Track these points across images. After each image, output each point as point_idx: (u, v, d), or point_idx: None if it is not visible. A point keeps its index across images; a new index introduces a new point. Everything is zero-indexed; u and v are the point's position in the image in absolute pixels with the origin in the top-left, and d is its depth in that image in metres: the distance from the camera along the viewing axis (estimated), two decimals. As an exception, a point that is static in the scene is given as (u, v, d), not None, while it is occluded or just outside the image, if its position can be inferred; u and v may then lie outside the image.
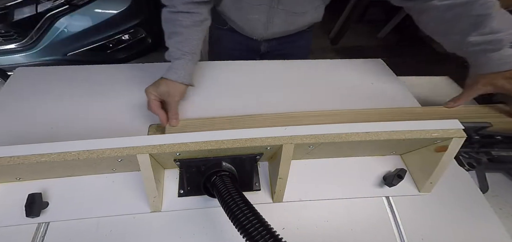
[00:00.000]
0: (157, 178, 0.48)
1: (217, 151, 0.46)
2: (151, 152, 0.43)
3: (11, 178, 0.51)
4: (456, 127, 0.48)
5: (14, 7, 1.36)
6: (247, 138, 0.45)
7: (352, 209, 0.52)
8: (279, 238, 0.33)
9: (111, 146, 0.43)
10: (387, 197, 0.54)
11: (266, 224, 0.34)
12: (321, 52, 2.62)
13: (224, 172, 0.46)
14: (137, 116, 0.66)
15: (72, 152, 0.42)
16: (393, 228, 0.50)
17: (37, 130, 0.62)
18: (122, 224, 0.48)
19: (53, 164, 0.44)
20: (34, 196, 0.47)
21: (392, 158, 0.60)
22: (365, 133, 0.47)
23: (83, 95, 0.70)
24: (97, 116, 0.65)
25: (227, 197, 0.39)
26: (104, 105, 0.68)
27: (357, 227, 0.50)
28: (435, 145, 0.51)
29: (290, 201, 0.52)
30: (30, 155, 0.42)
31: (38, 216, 0.47)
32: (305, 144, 0.46)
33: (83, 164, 0.46)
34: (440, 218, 0.52)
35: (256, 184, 0.53)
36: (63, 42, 1.50)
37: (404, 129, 0.48)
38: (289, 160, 0.47)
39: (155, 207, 0.49)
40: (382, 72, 0.85)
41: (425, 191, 0.54)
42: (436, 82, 0.91)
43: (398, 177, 0.51)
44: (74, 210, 0.49)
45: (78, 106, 0.67)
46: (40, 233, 0.47)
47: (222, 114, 0.65)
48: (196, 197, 0.51)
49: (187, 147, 0.44)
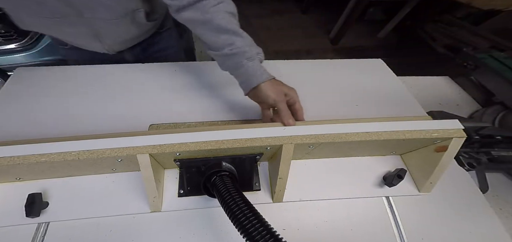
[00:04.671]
0: (157, 178, 0.48)
1: (217, 151, 0.46)
2: (151, 152, 0.43)
3: (11, 178, 0.51)
4: (456, 127, 0.48)
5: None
6: (247, 138, 0.45)
7: (352, 209, 0.52)
8: (279, 238, 0.33)
9: (111, 146, 0.43)
10: (387, 197, 0.54)
11: (266, 224, 0.34)
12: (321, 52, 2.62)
13: (224, 172, 0.46)
14: (137, 116, 0.66)
15: (72, 152, 0.42)
16: (393, 228, 0.50)
17: (37, 130, 0.62)
18: (122, 224, 0.48)
19: (53, 164, 0.44)
20: (34, 196, 0.47)
21: (392, 158, 0.60)
22: (365, 133, 0.47)
23: (83, 96, 0.70)
24: (97, 116, 0.65)
25: (227, 197, 0.39)
26: (104, 105, 0.68)
27: (357, 227, 0.50)
28: (435, 145, 0.51)
29: (290, 201, 0.52)
30: (30, 155, 0.42)
31: (38, 216, 0.47)
32: (305, 144, 0.46)
33: (83, 164, 0.46)
34: (440, 218, 0.52)
35: (256, 184, 0.53)
36: (63, 42, 1.50)
37: (404, 129, 0.48)
38: (289, 160, 0.47)
39: (155, 207, 0.49)
40: (382, 72, 0.85)
41: (425, 191, 0.54)
42: (436, 82, 0.92)
43: (398, 177, 0.51)
44: (74, 210, 0.49)
45: (78, 106, 0.67)
46: (40, 233, 0.47)
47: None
48: (196, 197, 0.51)
49: (187, 147, 0.44)
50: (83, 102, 0.68)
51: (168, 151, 0.44)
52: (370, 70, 0.84)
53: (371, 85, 0.78)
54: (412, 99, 0.75)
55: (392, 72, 0.84)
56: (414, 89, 0.79)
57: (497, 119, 0.77)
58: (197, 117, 0.65)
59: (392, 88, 0.78)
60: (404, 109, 0.72)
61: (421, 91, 0.84)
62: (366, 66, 0.86)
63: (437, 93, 0.86)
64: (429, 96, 0.83)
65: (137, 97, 0.69)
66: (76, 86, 0.72)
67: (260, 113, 0.59)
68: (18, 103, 0.67)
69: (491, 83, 0.85)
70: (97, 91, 0.71)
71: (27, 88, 0.71)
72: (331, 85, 0.78)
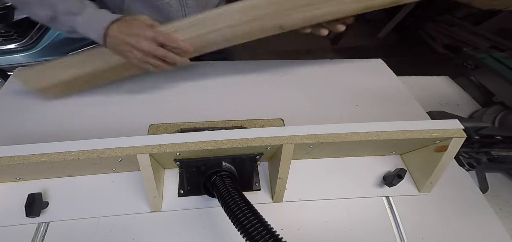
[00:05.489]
0: (157, 178, 0.48)
1: (217, 151, 0.46)
2: (151, 152, 0.43)
3: (11, 178, 0.51)
4: (456, 127, 0.48)
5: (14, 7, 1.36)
6: (247, 138, 0.45)
7: (352, 209, 0.52)
8: (279, 238, 0.33)
9: (111, 146, 0.43)
10: (387, 197, 0.54)
11: (266, 224, 0.34)
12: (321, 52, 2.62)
13: (224, 172, 0.46)
14: (137, 116, 0.66)
15: (72, 152, 0.42)
16: (393, 228, 0.50)
17: (37, 129, 0.62)
18: (122, 224, 0.48)
19: (53, 164, 0.44)
20: (34, 196, 0.47)
21: (392, 158, 0.60)
22: (365, 132, 0.47)
23: (83, 95, 0.70)
24: (97, 116, 0.65)
25: (227, 197, 0.39)
26: (104, 105, 0.68)
27: (357, 227, 0.50)
28: (435, 145, 0.51)
29: (290, 201, 0.52)
30: (30, 155, 0.42)
31: (38, 216, 0.47)
32: (305, 144, 0.46)
33: (83, 164, 0.46)
34: (440, 218, 0.52)
35: (256, 184, 0.53)
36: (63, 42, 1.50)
37: (404, 129, 0.48)
38: (289, 160, 0.47)
39: (155, 207, 0.49)
40: (382, 72, 0.85)
41: (425, 191, 0.54)
42: (436, 82, 0.92)
43: (398, 177, 0.51)
44: (74, 210, 0.49)
45: (78, 106, 0.67)
46: (40, 233, 0.47)
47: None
48: (196, 197, 0.51)
49: (187, 146, 0.44)
50: (83, 102, 0.68)
51: (168, 151, 0.44)
52: (370, 70, 0.84)
53: (371, 85, 0.78)
54: (412, 99, 0.75)
55: (392, 72, 0.84)
56: (414, 89, 0.79)
57: (497, 119, 0.77)
58: (197, 117, 0.65)
59: (392, 88, 0.78)
60: (404, 109, 0.72)
61: (421, 91, 0.84)
62: (366, 66, 0.86)
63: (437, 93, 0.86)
64: (429, 96, 0.83)
65: (137, 97, 0.69)
66: (76, 86, 0.72)
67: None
68: (18, 103, 0.67)
69: (491, 83, 0.86)
70: (97, 91, 0.71)
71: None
72: (331, 85, 0.78)
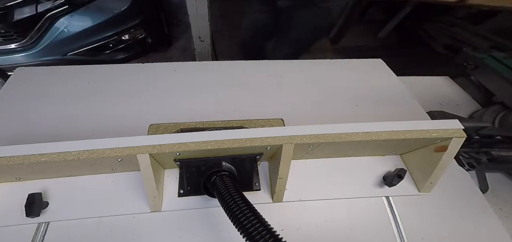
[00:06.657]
0: (157, 178, 0.48)
1: (217, 151, 0.46)
2: (151, 152, 0.43)
3: (11, 178, 0.51)
4: (456, 127, 0.48)
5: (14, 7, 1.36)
6: (247, 138, 0.45)
7: (352, 209, 0.52)
8: (279, 238, 0.33)
9: (111, 146, 0.43)
10: (387, 197, 0.54)
11: (266, 224, 0.34)
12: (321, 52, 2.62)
13: (224, 172, 0.46)
14: (137, 116, 0.66)
15: (72, 152, 0.42)
16: (393, 228, 0.50)
17: (37, 130, 0.62)
18: (122, 224, 0.48)
19: (53, 164, 0.44)
20: (34, 196, 0.47)
21: (392, 158, 0.60)
22: (365, 132, 0.47)
23: (83, 95, 0.70)
24: (97, 116, 0.65)
25: (227, 197, 0.39)
26: (104, 105, 0.68)
27: (357, 227, 0.50)
28: (435, 145, 0.51)
29: (290, 201, 0.52)
30: (30, 155, 0.42)
31: (38, 216, 0.47)
32: (305, 144, 0.46)
33: (83, 164, 0.46)
34: (440, 218, 0.52)
35: (256, 184, 0.53)
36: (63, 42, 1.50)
37: (404, 129, 0.48)
38: (289, 160, 0.47)
39: (155, 207, 0.49)
40: (382, 72, 0.84)
41: (425, 191, 0.54)
42: (436, 82, 0.92)
43: (398, 177, 0.51)
44: (74, 210, 0.49)
45: (78, 106, 0.67)
46: (40, 233, 0.47)
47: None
48: (196, 197, 0.51)
49: (187, 147, 0.44)
50: (83, 102, 0.68)
51: (168, 151, 0.44)
52: (370, 70, 0.84)
53: (371, 85, 0.78)
54: (412, 99, 0.75)
55: (392, 72, 0.84)
56: (414, 89, 0.79)
57: (497, 119, 0.77)
58: (197, 118, 0.65)
59: (392, 88, 0.78)
60: (404, 109, 0.72)
61: (421, 91, 0.84)
62: (366, 66, 0.86)
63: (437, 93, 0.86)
64: (429, 96, 0.83)
65: (137, 97, 0.69)
66: (76, 87, 0.72)
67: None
68: (18, 103, 0.67)
69: (491, 83, 0.86)
70: (97, 91, 0.71)
71: (27, 88, 0.71)
72: (331, 85, 0.78)
